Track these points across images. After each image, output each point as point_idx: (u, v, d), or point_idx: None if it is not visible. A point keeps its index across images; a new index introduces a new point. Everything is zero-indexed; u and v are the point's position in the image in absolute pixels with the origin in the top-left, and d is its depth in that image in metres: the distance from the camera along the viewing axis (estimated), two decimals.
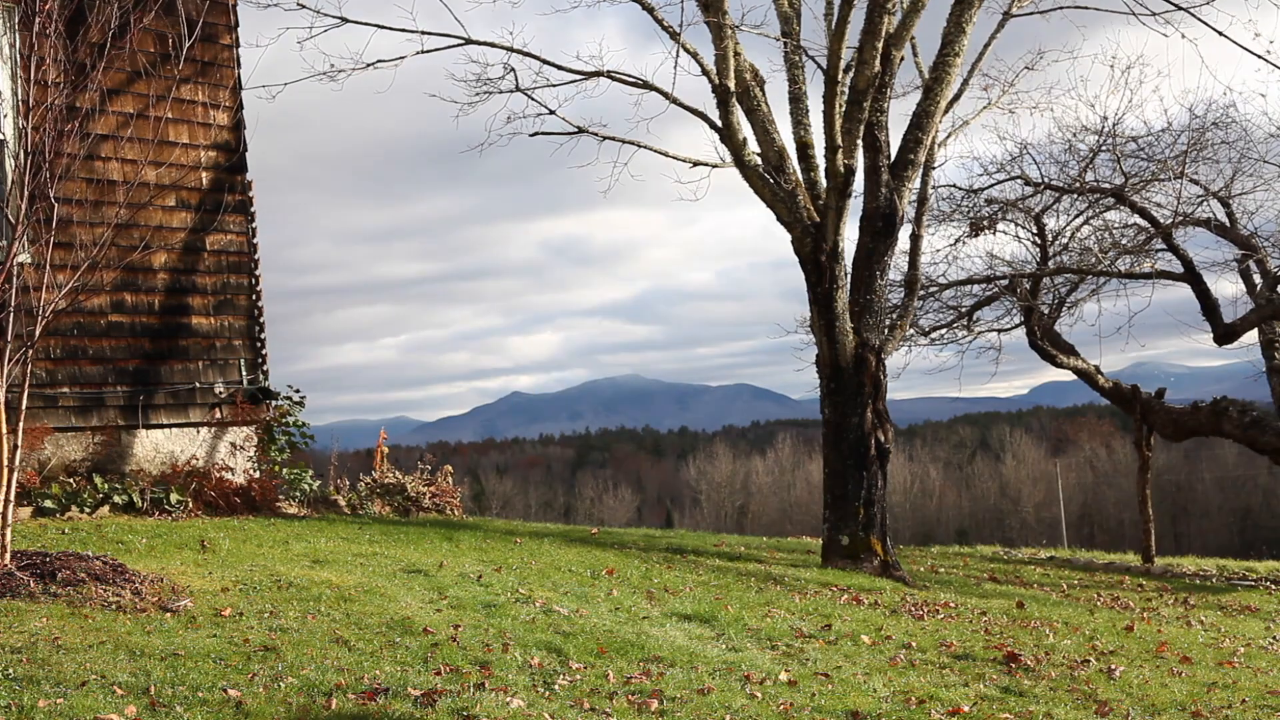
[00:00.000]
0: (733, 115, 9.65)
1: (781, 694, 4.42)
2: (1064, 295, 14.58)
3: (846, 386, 9.57)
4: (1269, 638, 7.07)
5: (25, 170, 5.51)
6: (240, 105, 9.62)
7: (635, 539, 10.92)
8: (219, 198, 9.45)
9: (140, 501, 8.23)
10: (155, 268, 9.17)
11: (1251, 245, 13.24)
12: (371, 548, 7.43)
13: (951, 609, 7.26)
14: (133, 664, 3.96)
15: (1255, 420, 12.48)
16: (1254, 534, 46.03)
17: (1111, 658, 5.76)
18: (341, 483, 10.89)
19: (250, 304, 9.70)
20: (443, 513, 11.04)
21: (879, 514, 9.51)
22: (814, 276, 9.67)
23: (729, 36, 9.56)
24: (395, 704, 3.74)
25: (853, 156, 9.49)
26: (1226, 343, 13.30)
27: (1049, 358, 14.20)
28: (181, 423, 9.21)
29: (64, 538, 6.89)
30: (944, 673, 5.14)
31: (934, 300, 14.55)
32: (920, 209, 12.30)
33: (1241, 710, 4.76)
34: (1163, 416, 13.47)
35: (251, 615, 4.92)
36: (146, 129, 8.68)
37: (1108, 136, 13.18)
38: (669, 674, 4.53)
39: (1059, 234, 14.21)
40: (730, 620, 5.95)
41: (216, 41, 9.55)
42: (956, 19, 10.08)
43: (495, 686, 4.09)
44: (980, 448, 70.72)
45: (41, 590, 4.93)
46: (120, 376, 8.90)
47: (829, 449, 9.73)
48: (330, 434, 12.83)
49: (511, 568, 7.14)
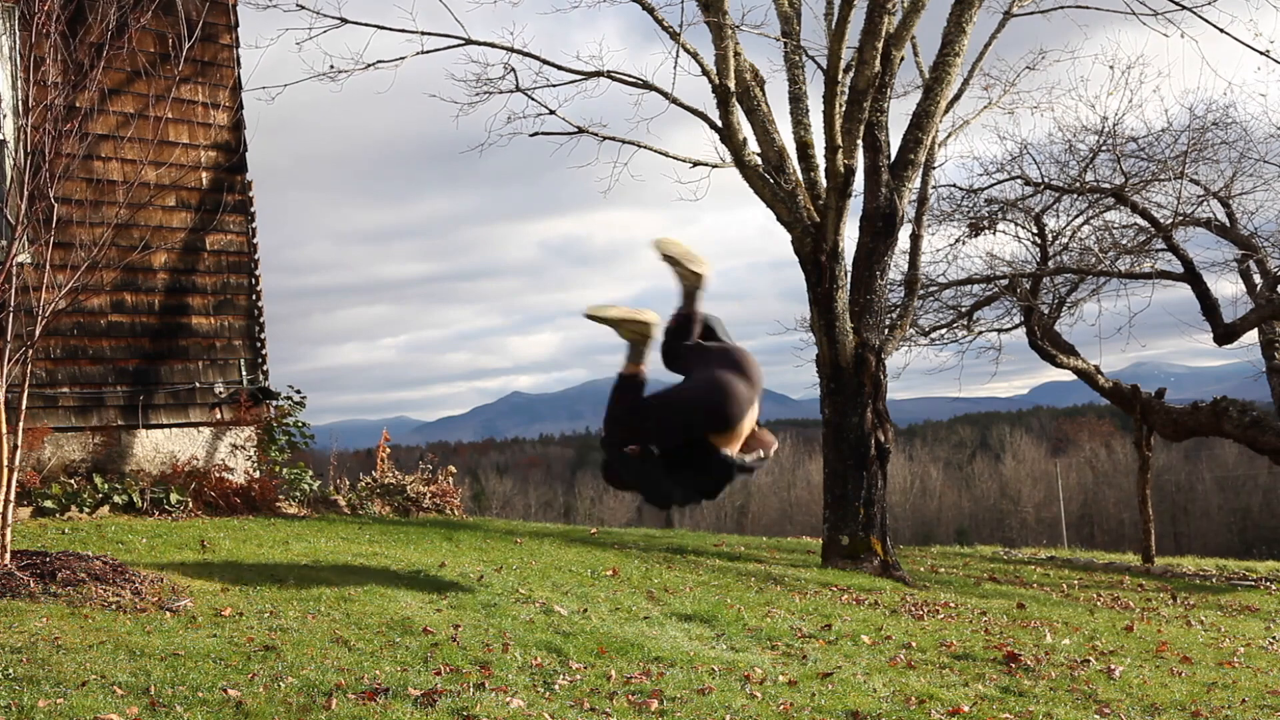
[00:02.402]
0: (733, 115, 9.65)
1: (781, 694, 4.42)
2: (1064, 295, 14.59)
3: (846, 386, 9.57)
4: (1269, 638, 7.07)
5: (25, 170, 5.51)
6: (240, 105, 9.63)
7: (635, 539, 10.92)
8: (219, 198, 9.45)
9: (140, 501, 8.23)
10: (155, 268, 9.17)
11: (1251, 245, 13.25)
12: (371, 548, 7.43)
13: (951, 609, 7.26)
14: (133, 664, 3.96)
15: (1255, 420, 12.48)
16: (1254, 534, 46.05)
17: (1111, 658, 5.76)
18: (341, 483, 10.89)
19: (250, 304, 9.70)
20: (443, 513, 11.04)
21: (879, 514, 9.51)
22: (814, 276, 9.67)
23: (729, 36, 9.56)
24: (395, 704, 3.74)
25: (853, 156, 9.49)
26: (1226, 343, 13.31)
27: (1049, 358, 14.21)
28: (181, 423, 9.22)
29: (64, 538, 6.89)
30: (944, 673, 5.14)
31: (934, 300, 14.56)
32: (920, 209, 12.31)
33: (1241, 710, 4.76)
34: (1163, 416, 13.47)
35: (251, 615, 4.93)
36: (146, 129, 8.68)
37: (1108, 136, 13.19)
38: (669, 674, 4.53)
39: (1059, 234, 14.22)
40: (730, 620, 5.95)
41: (216, 41, 9.55)
42: (957, 19, 10.08)
43: (495, 686, 4.09)
44: (980, 448, 70.69)
45: (41, 590, 4.93)
46: (120, 376, 8.90)
47: (829, 449, 9.73)
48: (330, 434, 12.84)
49: (511, 568, 7.14)
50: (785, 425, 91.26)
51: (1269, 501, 52.02)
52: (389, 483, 10.92)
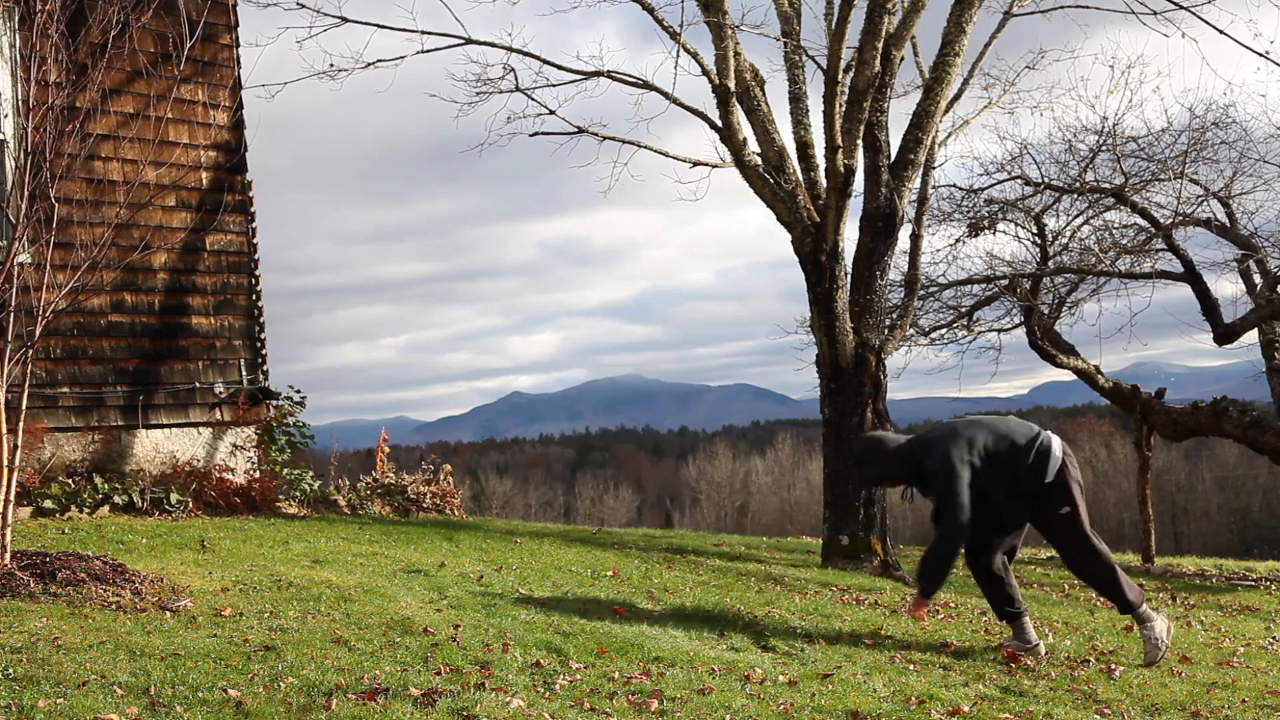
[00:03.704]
0: (733, 115, 9.64)
1: (781, 694, 4.42)
2: (1064, 295, 14.58)
3: (846, 386, 9.57)
4: (1269, 638, 7.06)
5: (25, 170, 5.51)
6: (240, 105, 9.63)
7: (635, 539, 10.92)
8: (219, 198, 9.45)
9: (140, 501, 8.23)
10: (155, 268, 9.17)
11: (1251, 245, 13.25)
12: (371, 548, 7.43)
13: (951, 609, 7.26)
14: (133, 664, 3.96)
15: (1255, 420, 12.48)
16: (1254, 534, 46.05)
17: (1111, 658, 5.76)
18: (341, 483, 10.88)
19: (250, 304, 9.70)
20: (443, 513, 11.03)
21: (879, 514, 9.51)
22: (814, 276, 9.67)
23: (729, 36, 9.56)
24: (395, 704, 3.74)
25: (853, 156, 9.48)
26: (1226, 343, 13.30)
27: (1049, 358, 14.20)
28: (181, 423, 9.22)
29: (64, 538, 6.89)
30: (944, 673, 5.14)
31: (934, 300, 14.55)
32: (920, 209, 12.30)
33: (1241, 710, 4.76)
34: (1163, 416, 13.46)
35: (251, 615, 4.93)
36: (146, 129, 8.68)
37: (1108, 136, 13.19)
38: (669, 674, 4.53)
39: (1059, 234, 14.21)
40: (731, 620, 5.95)
41: (216, 41, 9.55)
42: (956, 19, 10.07)
43: (495, 686, 4.09)
44: None
45: (41, 590, 4.93)
46: (120, 376, 8.90)
47: (829, 449, 9.73)
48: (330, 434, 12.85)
49: (511, 568, 7.14)
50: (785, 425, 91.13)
51: (1269, 501, 52.02)
52: (389, 483, 10.92)
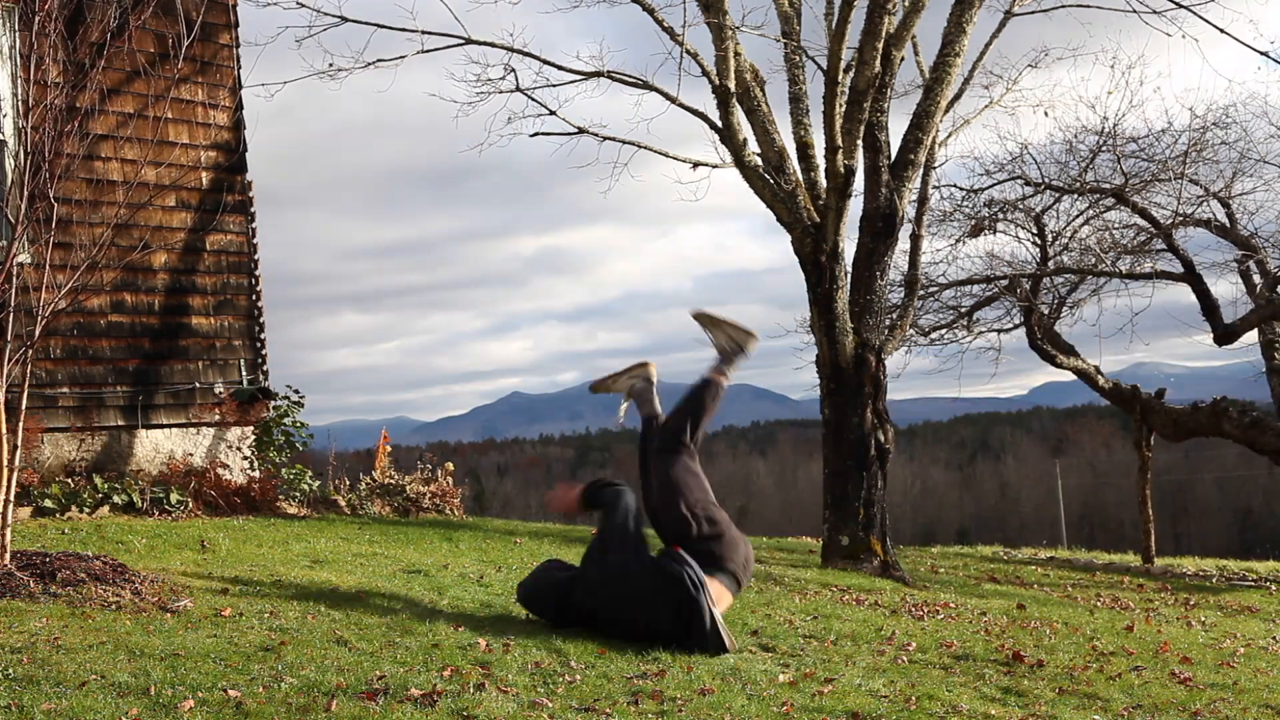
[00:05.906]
0: (733, 115, 9.64)
1: (781, 694, 4.41)
2: (1064, 295, 14.60)
3: (846, 387, 9.56)
4: (1269, 638, 7.06)
5: (25, 170, 5.51)
6: (240, 104, 9.63)
7: None
8: (219, 197, 9.44)
9: (140, 501, 8.23)
10: (155, 268, 9.16)
11: (1251, 245, 13.26)
12: (371, 548, 7.43)
13: (952, 609, 7.26)
14: (133, 664, 3.95)
15: (1255, 420, 12.48)
16: (1254, 534, 46.06)
17: (1111, 658, 5.76)
18: (341, 483, 10.88)
19: (250, 304, 9.70)
20: (443, 513, 11.03)
21: (879, 514, 9.50)
22: (814, 277, 9.66)
23: (729, 37, 9.56)
24: (395, 704, 3.73)
25: (853, 156, 9.48)
26: (1226, 343, 13.31)
27: (1049, 358, 14.21)
28: (181, 423, 9.21)
29: (64, 538, 6.89)
30: (944, 673, 5.13)
31: (934, 300, 14.57)
32: (920, 209, 12.30)
33: (1241, 711, 4.76)
34: (1163, 416, 13.47)
35: (251, 615, 4.92)
36: (146, 128, 8.68)
37: (1108, 137, 13.20)
38: (669, 674, 4.53)
39: (1059, 234, 14.22)
40: (731, 620, 5.94)
41: (216, 40, 9.55)
42: (957, 19, 10.07)
43: (495, 686, 4.09)
44: (980, 448, 70.70)
45: (41, 590, 4.92)
46: (120, 376, 8.89)
47: (829, 449, 9.72)
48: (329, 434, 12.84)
49: (512, 568, 7.14)
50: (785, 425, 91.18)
51: (1269, 501, 52.04)
52: (389, 483, 10.91)
